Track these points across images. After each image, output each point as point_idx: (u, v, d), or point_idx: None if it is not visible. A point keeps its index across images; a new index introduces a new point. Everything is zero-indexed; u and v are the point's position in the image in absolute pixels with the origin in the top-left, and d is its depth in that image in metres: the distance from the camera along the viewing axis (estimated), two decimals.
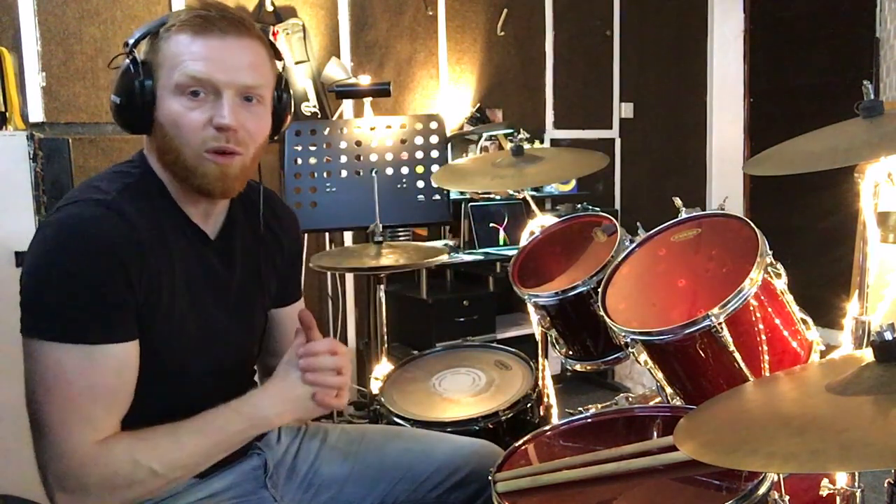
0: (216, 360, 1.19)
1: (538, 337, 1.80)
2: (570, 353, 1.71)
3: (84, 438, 0.99)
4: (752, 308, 1.26)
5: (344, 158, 2.42)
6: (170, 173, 1.12)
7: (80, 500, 1.00)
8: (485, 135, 3.66)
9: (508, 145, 1.94)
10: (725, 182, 4.72)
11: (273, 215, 1.30)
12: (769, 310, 1.30)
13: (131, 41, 1.09)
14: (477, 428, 1.60)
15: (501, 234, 3.55)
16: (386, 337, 2.25)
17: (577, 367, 1.71)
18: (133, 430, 1.03)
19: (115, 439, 1.02)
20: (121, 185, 1.08)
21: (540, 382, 1.75)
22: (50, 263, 1.00)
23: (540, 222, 1.90)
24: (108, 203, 1.04)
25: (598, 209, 3.68)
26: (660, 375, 1.38)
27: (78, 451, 0.99)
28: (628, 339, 1.33)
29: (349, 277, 3.52)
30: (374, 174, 2.32)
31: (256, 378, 1.36)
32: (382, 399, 1.74)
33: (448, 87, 3.81)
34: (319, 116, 3.39)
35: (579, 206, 3.86)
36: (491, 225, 3.56)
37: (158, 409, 1.08)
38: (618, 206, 4.43)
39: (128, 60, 1.08)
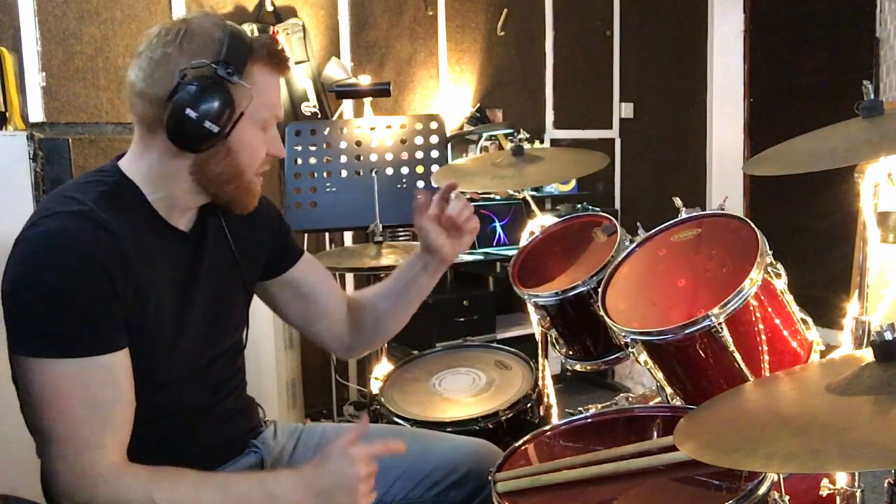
0: (202, 353, 1.19)
1: (538, 337, 1.80)
2: (570, 353, 1.71)
3: (97, 457, 0.99)
4: (752, 308, 1.26)
5: (344, 158, 2.42)
6: (199, 186, 1.12)
7: None
8: (485, 135, 3.66)
9: (508, 145, 1.94)
10: (725, 182, 4.72)
11: None
12: (769, 310, 1.30)
13: (228, 60, 1.05)
14: (477, 428, 1.60)
15: (496, 232, 3.55)
16: None
17: (577, 367, 1.71)
18: (153, 467, 1.02)
19: (135, 470, 1.01)
20: (96, 193, 1.07)
21: (540, 382, 1.75)
22: (34, 280, 0.99)
23: (540, 222, 1.90)
24: (87, 214, 1.02)
25: (598, 209, 3.68)
26: (660, 375, 1.38)
27: (92, 471, 0.98)
28: (628, 339, 1.33)
29: (349, 277, 3.52)
30: (374, 174, 2.32)
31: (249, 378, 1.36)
32: (382, 399, 1.75)
33: (448, 87, 3.81)
34: (319, 116, 3.39)
35: (579, 206, 3.86)
36: (489, 222, 3.56)
37: (149, 408, 1.07)
38: (618, 206, 4.43)
39: (221, 79, 1.05)
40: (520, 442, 1.28)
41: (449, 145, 3.03)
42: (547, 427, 1.34)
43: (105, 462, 0.99)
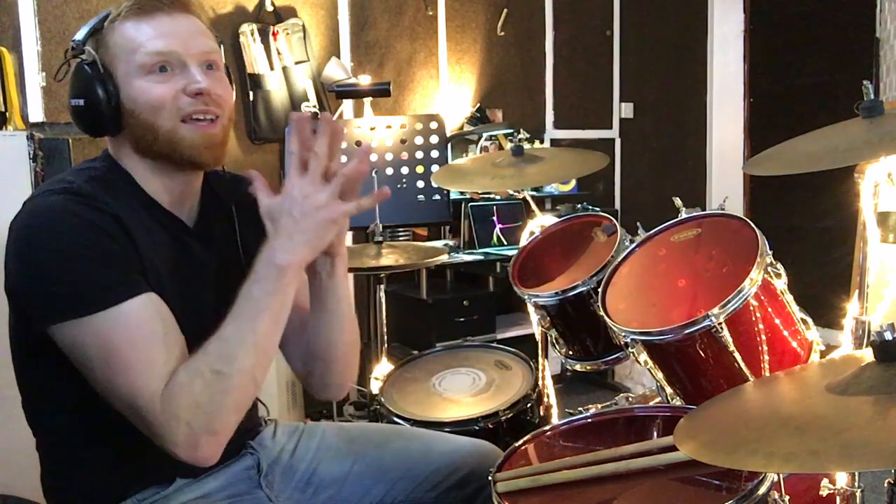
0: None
1: (538, 337, 1.80)
2: (570, 353, 1.71)
3: (155, 389, 0.97)
4: (752, 308, 1.26)
5: (344, 158, 2.41)
6: (150, 159, 1.12)
7: (189, 441, 0.98)
8: (485, 135, 3.66)
9: (508, 145, 1.94)
10: (725, 182, 4.72)
11: (250, 200, 1.29)
12: (769, 310, 1.30)
13: (78, 40, 1.10)
14: (477, 428, 1.60)
15: (495, 232, 3.55)
16: (386, 337, 2.25)
17: (577, 367, 1.71)
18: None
19: (174, 372, 0.99)
20: (86, 177, 1.09)
21: (540, 382, 1.75)
22: (36, 255, 1.00)
23: (540, 222, 1.89)
24: (74, 189, 1.04)
25: (598, 209, 3.68)
26: (660, 375, 1.38)
27: (155, 403, 0.97)
28: (628, 339, 1.33)
29: (349, 277, 3.52)
30: (374, 174, 2.32)
31: None
32: (382, 399, 1.75)
33: (448, 87, 3.81)
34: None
35: (579, 206, 3.86)
36: (492, 215, 3.56)
37: None
38: (618, 206, 4.43)
39: (79, 61, 1.09)
40: (520, 442, 1.28)
41: (449, 145, 3.03)
42: (547, 427, 1.34)
43: (161, 389, 0.98)
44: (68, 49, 1.11)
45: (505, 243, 3.54)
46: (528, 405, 1.69)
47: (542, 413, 1.75)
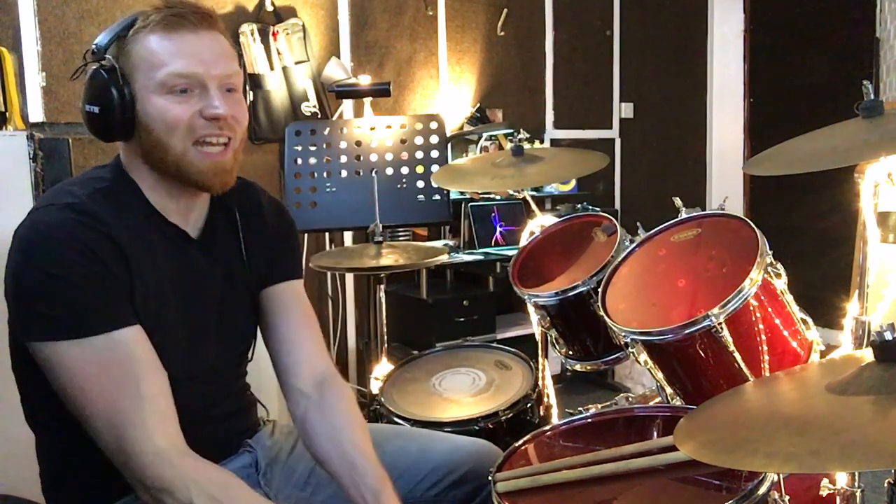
0: (208, 358, 1.19)
1: (538, 337, 1.80)
2: (570, 353, 1.71)
3: (138, 436, 0.99)
4: (752, 308, 1.26)
5: (344, 158, 2.42)
6: (158, 173, 1.12)
7: (137, 483, 1.01)
8: (485, 135, 3.65)
9: (508, 145, 1.94)
10: (725, 182, 4.71)
11: (255, 207, 1.30)
12: (769, 310, 1.30)
13: (100, 45, 1.10)
14: (477, 428, 1.60)
15: (496, 235, 3.55)
16: (386, 337, 2.25)
17: (577, 367, 1.71)
18: (201, 464, 1.02)
19: (182, 462, 1.01)
20: (91, 189, 1.09)
21: (540, 382, 1.75)
22: (29, 268, 1.01)
23: (540, 222, 1.90)
24: (77, 206, 1.05)
25: (598, 209, 3.68)
26: (660, 375, 1.38)
27: (134, 450, 0.99)
28: (628, 339, 1.33)
29: (349, 277, 3.52)
30: (374, 174, 2.32)
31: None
32: (382, 399, 1.75)
33: (448, 87, 3.81)
34: (319, 116, 3.39)
35: (579, 206, 3.85)
36: (492, 215, 3.56)
37: None
38: (618, 206, 4.43)
39: (98, 66, 1.08)
40: (520, 442, 1.28)
41: (449, 145, 3.02)
42: (547, 427, 1.34)
43: (150, 444, 0.99)
44: (88, 51, 1.11)
45: (504, 243, 3.54)
46: (528, 405, 1.69)
47: (542, 413, 1.75)
